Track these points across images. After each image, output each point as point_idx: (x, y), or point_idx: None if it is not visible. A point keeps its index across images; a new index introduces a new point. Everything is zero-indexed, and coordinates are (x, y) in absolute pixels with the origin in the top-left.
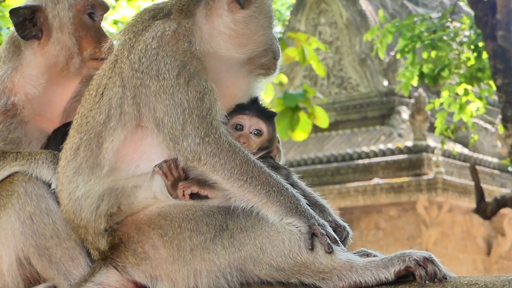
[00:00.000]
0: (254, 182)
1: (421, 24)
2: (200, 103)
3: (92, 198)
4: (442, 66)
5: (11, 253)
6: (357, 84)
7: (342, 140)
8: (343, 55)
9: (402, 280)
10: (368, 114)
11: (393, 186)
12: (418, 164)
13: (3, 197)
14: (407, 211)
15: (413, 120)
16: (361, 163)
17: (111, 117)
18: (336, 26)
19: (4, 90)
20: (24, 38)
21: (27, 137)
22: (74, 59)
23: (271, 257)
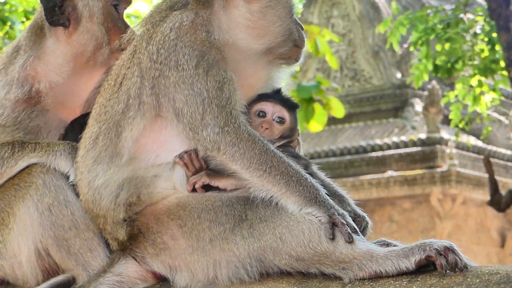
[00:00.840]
0: (274, 171)
1: (434, 16)
2: (219, 93)
3: (112, 187)
4: (455, 58)
5: (30, 245)
6: (370, 76)
7: (355, 133)
8: (356, 47)
9: (422, 269)
10: (381, 106)
11: (407, 179)
12: (432, 156)
13: (22, 188)
14: (421, 204)
15: (427, 112)
16: (374, 155)
17: (130, 107)
18: (349, 18)
19: (27, 78)
20: (52, 24)
21: (47, 126)
22: (103, 49)
23: (291, 247)
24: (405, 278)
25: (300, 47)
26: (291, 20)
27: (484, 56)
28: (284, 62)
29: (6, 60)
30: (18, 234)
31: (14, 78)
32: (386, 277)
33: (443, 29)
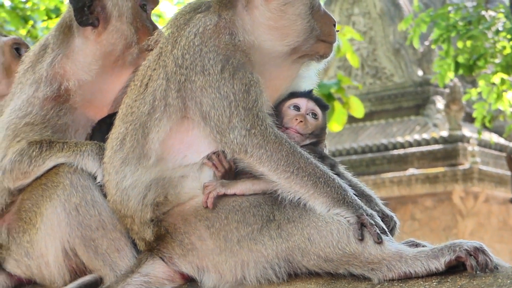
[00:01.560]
0: (301, 173)
1: (456, 13)
2: (246, 95)
3: (139, 188)
4: (477, 55)
5: (57, 244)
6: (392, 74)
7: (377, 131)
8: (377, 45)
9: (452, 270)
10: (402, 104)
11: (429, 177)
12: (454, 154)
13: (49, 188)
14: (443, 202)
15: (448, 110)
16: (396, 153)
17: (156, 108)
18: (369, 16)
19: (55, 76)
20: (81, 24)
21: (75, 124)
22: (132, 48)
23: (320, 247)
24: (434, 279)
25: (328, 42)
26: (313, 16)
27: (506, 54)
28: (310, 59)
29: (34, 58)
30: (45, 234)
31: (42, 76)
32: (415, 278)
33: (465, 27)
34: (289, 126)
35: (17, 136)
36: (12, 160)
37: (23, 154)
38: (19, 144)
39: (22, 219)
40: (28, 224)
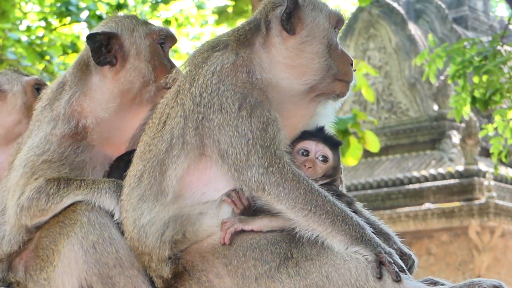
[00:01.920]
0: (319, 211)
1: (471, 48)
2: (263, 133)
3: (157, 225)
4: (493, 90)
5: (74, 282)
6: (407, 108)
7: (392, 165)
8: (392, 79)
9: None
10: (418, 138)
11: (444, 211)
12: (470, 188)
13: (66, 226)
14: (459, 236)
15: (464, 144)
16: (411, 188)
17: (174, 146)
18: (385, 50)
19: (73, 113)
20: (99, 64)
21: (92, 161)
22: (150, 86)
23: (338, 285)
24: None
25: (345, 81)
26: (330, 55)
27: None
28: (327, 97)
29: (51, 95)
30: (63, 271)
31: (60, 113)
32: None
33: (480, 62)
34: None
35: (35, 173)
36: (30, 197)
37: (40, 191)
38: (37, 182)
39: (39, 257)
40: (46, 261)
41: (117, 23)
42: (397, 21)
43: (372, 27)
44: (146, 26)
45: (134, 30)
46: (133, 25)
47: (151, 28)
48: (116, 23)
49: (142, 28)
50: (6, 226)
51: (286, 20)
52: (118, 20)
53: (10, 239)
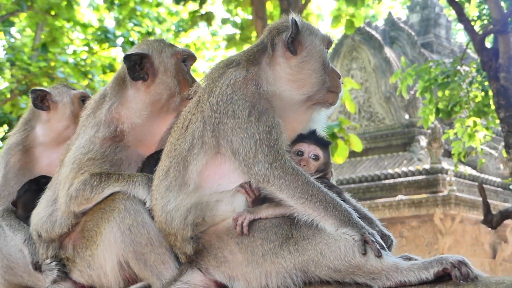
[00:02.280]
0: (314, 199)
1: (436, 68)
2: (268, 135)
3: (181, 211)
4: (454, 102)
5: (113, 258)
6: (383, 117)
7: (371, 164)
8: (371, 94)
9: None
10: (392, 142)
11: (414, 202)
12: (435, 183)
13: (107, 212)
14: (426, 222)
15: (430, 147)
16: (387, 182)
17: (194, 145)
18: (365, 70)
19: (112, 120)
20: (134, 79)
21: (128, 159)
22: (175, 97)
23: (330, 260)
24: (425, 287)
25: (335, 92)
26: (324, 71)
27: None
28: (321, 106)
29: (94, 105)
30: (104, 249)
31: (102, 120)
32: (409, 286)
33: (444, 79)
34: None
35: (81, 169)
36: (77, 188)
37: (86, 184)
38: (82, 176)
39: (85, 237)
40: (90, 241)
41: (148, 45)
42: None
43: (355, 51)
44: (172, 48)
45: (162, 51)
46: (161, 47)
47: (176, 49)
48: (147, 45)
49: (169, 49)
50: (58, 212)
51: (291, 43)
52: (149, 43)
53: (61, 222)
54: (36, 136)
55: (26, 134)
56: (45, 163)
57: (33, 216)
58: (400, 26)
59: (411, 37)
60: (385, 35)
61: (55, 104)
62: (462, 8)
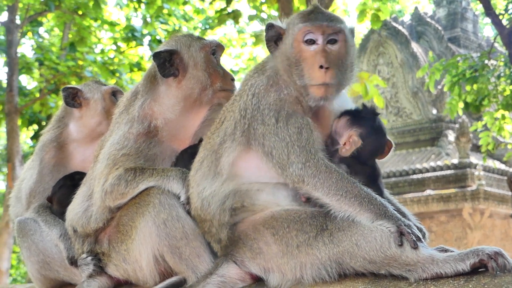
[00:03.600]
0: (349, 195)
1: (464, 62)
2: (299, 136)
3: (219, 196)
4: (482, 96)
5: (149, 252)
6: (411, 113)
7: (399, 159)
8: (398, 89)
9: (476, 271)
10: (420, 137)
11: (443, 196)
12: (463, 178)
13: (142, 206)
14: (455, 217)
15: (458, 141)
16: (415, 177)
17: (226, 140)
18: (392, 65)
19: (145, 116)
20: (164, 76)
21: (162, 154)
22: (207, 90)
23: (365, 251)
24: (462, 278)
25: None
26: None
27: (506, 94)
28: None
29: (127, 103)
30: (139, 243)
31: (135, 116)
32: (445, 277)
33: (472, 73)
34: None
35: (116, 164)
36: (112, 183)
37: (120, 179)
38: (117, 171)
39: (120, 232)
40: (125, 235)
41: (176, 41)
42: (402, 41)
43: (381, 46)
44: (200, 41)
45: (191, 45)
46: (189, 41)
47: (204, 42)
48: (175, 41)
49: (197, 43)
50: (93, 207)
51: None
52: (177, 39)
53: (97, 217)
54: (70, 133)
55: (60, 131)
56: (79, 159)
57: (69, 212)
58: (427, 21)
59: (438, 31)
60: (411, 30)
61: (87, 100)
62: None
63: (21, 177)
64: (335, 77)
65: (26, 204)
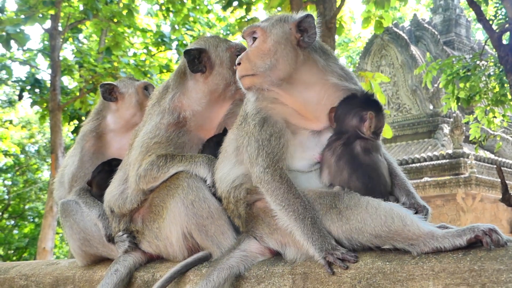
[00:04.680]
0: (289, 209)
1: (457, 63)
2: (268, 143)
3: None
4: (474, 93)
5: (178, 230)
6: (410, 108)
7: (399, 150)
8: (399, 87)
9: (472, 246)
10: (418, 130)
11: (439, 183)
12: (457, 166)
13: (172, 189)
14: (449, 201)
15: (453, 134)
16: (414, 166)
17: (233, 132)
18: (393, 66)
19: (175, 108)
20: (193, 71)
21: (190, 142)
22: (231, 86)
23: (371, 227)
24: (460, 252)
25: None
26: None
27: (496, 92)
28: None
29: (159, 96)
30: (170, 222)
31: (166, 108)
32: (444, 251)
33: (465, 73)
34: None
35: (149, 151)
36: (145, 168)
37: (153, 164)
38: (150, 157)
39: (152, 212)
40: (157, 215)
41: (205, 41)
42: (402, 44)
43: (384, 49)
44: (226, 42)
45: (218, 45)
46: (217, 42)
47: (230, 43)
48: (204, 41)
49: (223, 44)
50: (128, 190)
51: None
52: (206, 39)
53: (132, 199)
54: (107, 124)
55: (98, 123)
56: (116, 147)
57: (106, 194)
58: (424, 26)
59: (434, 36)
60: (411, 34)
61: (122, 95)
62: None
63: (63, 163)
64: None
65: (69, 187)
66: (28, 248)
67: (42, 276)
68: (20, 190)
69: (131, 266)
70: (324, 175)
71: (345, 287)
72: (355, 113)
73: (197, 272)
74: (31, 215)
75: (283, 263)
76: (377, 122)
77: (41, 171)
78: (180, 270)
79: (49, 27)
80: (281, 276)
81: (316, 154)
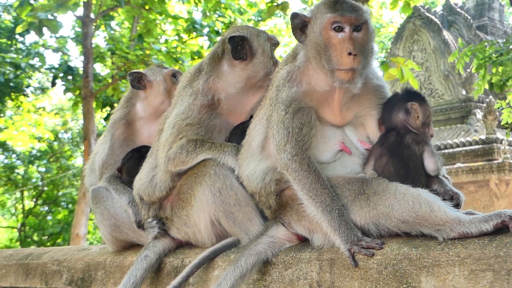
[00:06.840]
0: (316, 199)
1: (490, 47)
2: (299, 131)
3: (258, 173)
4: (506, 77)
5: (206, 217)
6: (443, 94)
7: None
8: (431, 72)
9: (499, 231)
10: (451, 115)
11: (471, 169)
12: (490, 152)
13: (199, 176)
14: (482, 187)
15: (485, 119)
16: (447, 151)
17: (257, 125)
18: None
19: (209, 90)
20: (235, 58)
21: (219, 126)
22: (270, 75)
23: (399, 212)
24: (486, 238)
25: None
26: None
27: None
28: None
29: (190, 78)
30: (198, 209)
31: (199, 89)
32: (471, 237)
33: (497, 57)
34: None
35: (180, 133)
36: (175, 151)
37: (183, 148)
38: (180, 141)
39: (181, 199)
40: (185, 202)
41: (245, 30)
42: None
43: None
44: (264, 33)
45: (259, 35)
46: (257, 32)
47: (268, 34)
48: (244, 30)
49: (264, 34)
50: (157, 177)
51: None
52: (246, 28)
53: (161, 186)
54: (137, 111)
55: (128, 110)
56: (145, 134)
57: (136, 181)
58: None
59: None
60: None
61: (150, 83)
62: None
63: (94, 151)
64: (361, 63)
65: (99, 174)
66: (62, 234)
67: (73, 262)
68: (53, 176)
69: (160, 252)
70: (368, 165)
71: (372, 273)
72: (399, 108)
73: (225, 258)
74: (65, 201)
75: (310, 249)
76: (423, 111)
77: (75, 158)
78: (208, 256)
79: (81, 15)
80: (308, 262)
81: (337, 143)
